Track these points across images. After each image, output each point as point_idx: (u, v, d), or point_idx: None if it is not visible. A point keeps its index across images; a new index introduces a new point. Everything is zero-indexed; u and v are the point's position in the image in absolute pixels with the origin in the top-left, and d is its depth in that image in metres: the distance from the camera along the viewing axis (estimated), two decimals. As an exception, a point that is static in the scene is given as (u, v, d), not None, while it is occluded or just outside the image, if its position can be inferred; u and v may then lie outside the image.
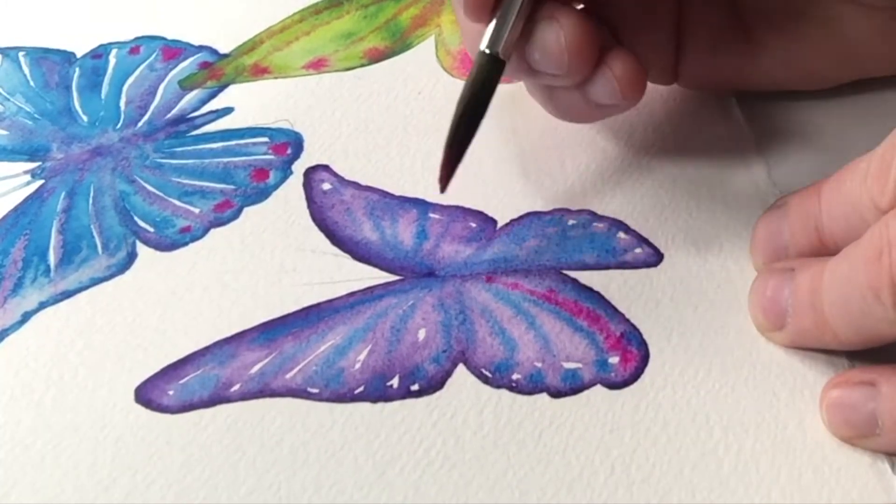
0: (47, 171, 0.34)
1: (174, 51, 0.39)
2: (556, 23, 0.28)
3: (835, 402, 0.25)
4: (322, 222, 0.32)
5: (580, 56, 0.28)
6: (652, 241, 0.30)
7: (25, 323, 0.29)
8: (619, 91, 0.28)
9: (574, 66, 0.28)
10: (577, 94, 0.29)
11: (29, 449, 0.26)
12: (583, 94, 0.29)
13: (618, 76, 0.28)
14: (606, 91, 0.29)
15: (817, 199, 0.27)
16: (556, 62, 0.28)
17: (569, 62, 0.28)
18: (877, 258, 0.23)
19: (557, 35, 0.28)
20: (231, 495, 0.25)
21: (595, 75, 0.28)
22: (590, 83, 0.29)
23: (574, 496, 0.24)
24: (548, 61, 0.28)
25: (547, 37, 0.28)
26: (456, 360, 0.27)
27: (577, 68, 0.28)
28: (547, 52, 0.28)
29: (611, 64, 0.28)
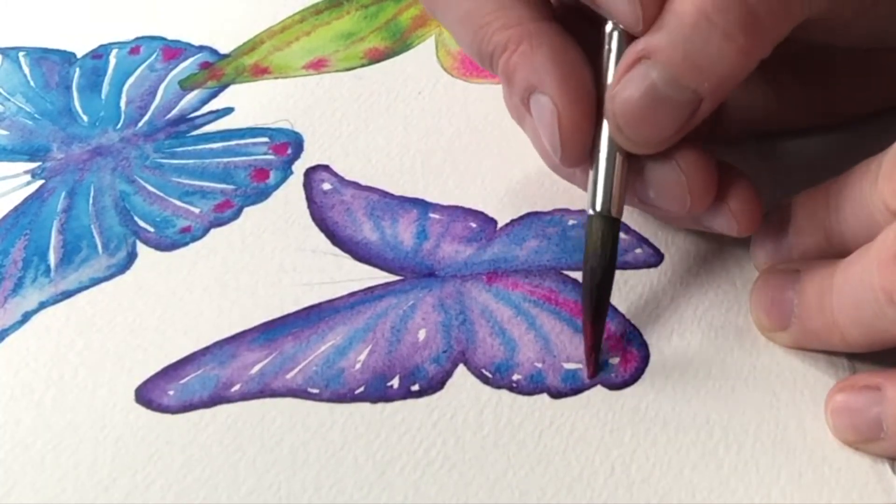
0: (47, 171, 0.34)
1: (174, 51, 0.39)
2: (673, 163, 0.26)
3: (840, 406, 0.25)
4: (322, 222, 0.32)
5: (702, 193, 0.26)
6: (652, 241, 0.30)
7: (25, 323, 0.29)
8: (736, 227, 0.27)
9: (696, 203, 0.26)
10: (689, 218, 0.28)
11: (29, 449, 0.26)
12: (695, 219, 0.28)
13: (735, 212, 0.27)
14: (724, 224, 0.27)
15: (825, 199, 0.26)
16: (678, 204, 0.26)
17: (691, 199, 0.26)
18: (891, 261, 0.23)
19: (678, 177, 0.26)
20: (231, 495, 0.25)
21: (713, 208, 0.27)
22: (708, 216, 0.27)
23: (574, 496, 0.24)
24: (667, 202, 0.27)
25: (665, 178, 0.26)
26: (456, 361, 0.27)
27: (700, 205, 0.26)
28: (666, 194, 0.26)
29: (729, 200, 0.27)
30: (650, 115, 0.25)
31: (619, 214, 0.27)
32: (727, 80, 0.25)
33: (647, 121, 0.25)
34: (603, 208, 0.26)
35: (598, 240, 0.26)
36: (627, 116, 0.25)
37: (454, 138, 0.34)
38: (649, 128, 0.25)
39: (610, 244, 0.26)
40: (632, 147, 0.26)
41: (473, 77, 0.37)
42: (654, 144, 0.26)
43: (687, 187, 0.26)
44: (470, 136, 0.34)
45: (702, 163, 0.26)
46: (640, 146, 0.26)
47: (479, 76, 0.37)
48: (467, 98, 0.36)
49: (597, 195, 0.26)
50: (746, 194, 0.27)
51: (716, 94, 0.25)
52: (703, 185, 0.26)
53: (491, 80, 0.36)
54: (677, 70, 0.24)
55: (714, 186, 0.26)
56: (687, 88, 0.24)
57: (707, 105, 0.25)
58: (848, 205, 0.26)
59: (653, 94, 0.25)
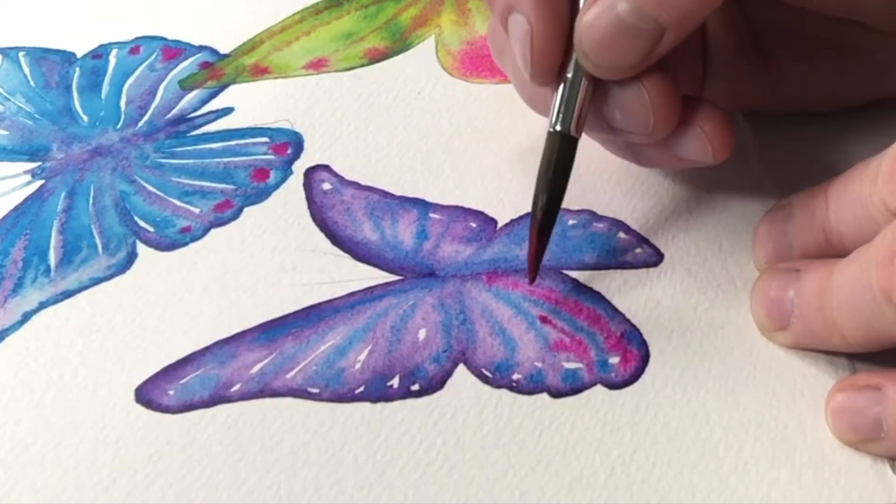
0: (47, 171, 0.34)
1: (174, 51, 0.39)
2: (638, 84, 0.27)
3: (840, 406, 0.25)
4: (322, 222, 0.32)
5: (667, 114, 0.27)
6: (652, 241, 0.30)
7: (25, 323, 0.29)
8: (710, 149, 0.27)
9: (660, 125, 0.27)
10: (660, 149, 0.28)
11: (29, 449, 0.26)
12: (667, 149, 0.28)
13: (709, 134, 0.27)
14: (697, 149, 0.28)
15: (824, 199, 0.27)
16: (642, 122, 0.27)
17: (654, 121, 0.27)
18: (889, 261, 0.23)
19: (640, 94, 0.27)
20: (231, 495, 0.25)
21: (684, 133, 0.27)
22: (678, 140, 0.28)
23: (574, 496, 0.24)
24: (631, 121, 0.27)
25: (629, 96, 0.27)
26: (456, 360, 0.27)
27: (664, 126, 0.27)
28: (630, 112, 0.27)
29: (700, 122, 0.27)
30: (614, 43, 0.26)
31: (578, 134, 0.28)
32: (689, 14, 0.25)
33: (611, 47, 0.26)
34: (562, 126, 0.27)
35: (552, 155, 0.27)
36: (593, 42, 0.26)
37: (454, 138, 0.34)
38: (613, 54, 0.26)
39: (564, 161, 0.28)
40: (596, 72, 0.27)
41: (473, 77, 0.37)
42: (618, 71, 0.27)
43: (651, 107, 0.27)
44: (470, 136, 0.34)
45: (666, 85, 0.27)
46: (604, 72, 0.27)
47: (479, 76, 0.37)
48: (467, 98, 0.36)
49: (558, 114, 0.27)
50: (716, 115, 0.27)
51: (678, 26, 0.25)
52: (666, 102, 0.27)
53: (491, 80, 0.36)
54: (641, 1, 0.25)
55: (677, 106, 0.27)
56: (649, 17, 0.25)
57: (669, 37, 0.26)
58: (847, 205, 0.26)
59: (617, 23, 0.26)
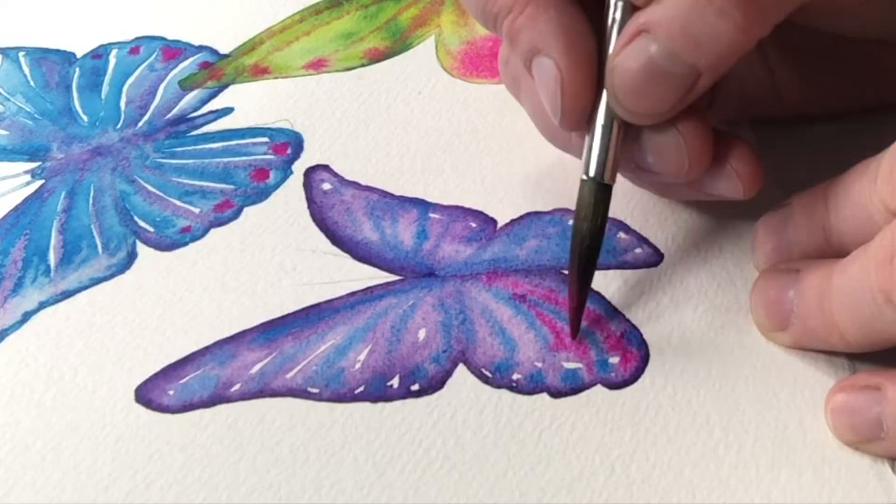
0: (47, 171, 0.34)
1: (174, 51, 0.39)
2: (672, 127, 0.26)
3: (840, 406, 0.25)
4: (322, 222, 0.32)
5: (701, 157, 0.26)
6: (652, 241, 0.30)
7: (25, 323, 0.29)
8: (741, 188, 0.27)
9: (694, 168, 0.26)
10: (690, 186, 0.28)
11: (29, 449, 0.26)
12: (697, 186, 0.28)
13: (740, 173, 0.27)
14: (728, 187, 0.27)
15: (824, 199, 0.27)
16: (676, 166, 0.26)
17: (690, 164, 0.26)
18: (888, 261, 0.23)
19: (676, 139, 0.26)
20: (231, 495, 0.25)
21: (715, 172, 0.27)
22: (709, 178, 0.27)
23: (574, 496, 0.24)
24: (665, 165, 0.27)
25: (663, 141, 0.26)
26: (456, 360, 0.27)
27: (698, 169, 0.27)
28: (664, 157, 0.27)
29: (732, 161, 0.27)
30: (648, 88, 0.25)
31: (612, 180, 0.27)
32: (724, 57, 0.25)
33: (644, 93, 0.25)
34: (596, 173, 0.27)
35: (588, 204, 0.27)
36: (626, 88, 0.25)
37: (454, 138, 0.34)
38: (647, 100, 0.26)
39: (601, 209, 0.27)
40: (629, 118, 0.26)
41: (473, 77, 0.37)
42: (652, 116, 0.26)
43: (685, 150, 0.26)
44: (470, 136, 0.34)
45: (699, 126, 0.26)
46: (638, 117, 0.26)
47: (479, 76, 0.37)
48: (467, 98, 0.36)
49: (591, 160, 0.27)
50: (747, 154, 0.27)
51: (713, 69, 0.25)
52: (701, 146, 0.26)
53: (491, 80, 0.36)
54: (675, 44, 0.25)
55: (711, 148, 0.27)
56: (685, 63, 0.25)
57: (705, 80, 0.25)
58: (847, 205, 0.26)
59: (651, 68, 0.25)
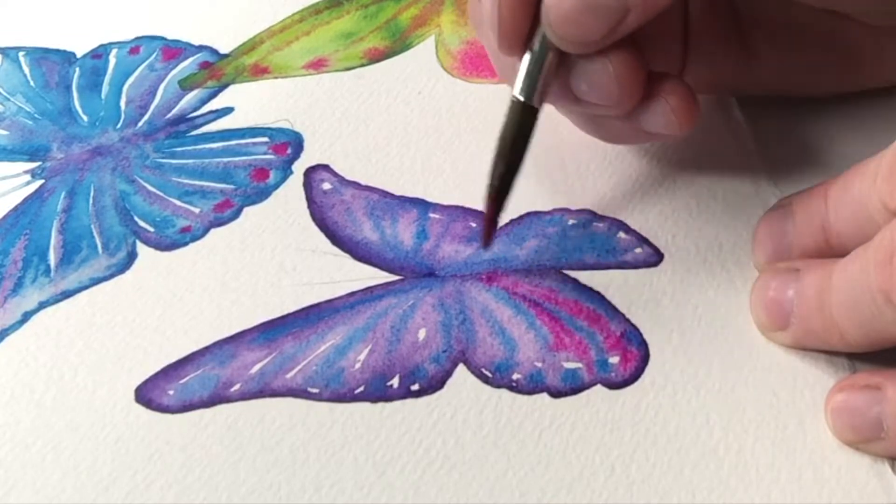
0: (47, 171, 0.34)
1: (174, 51, 0.39)
2: (604, 57, 0.27)
3: (840, 406, 0.25)
4: (322, 222, 0.32)
5: (632, 87, 0.27)
6: (652, 241, 0.30)
7: (25, 323, 0.29)
8: (676, 122, 0.28)
9: (625, 97, 0.27)
10: (625, 122, 0.28)
11: (29, 449, 0.26)
12: (633, 122, 0.28)
13: (674, 107, 0.27)
14: (662, 122, 0.28)
15: (824, 199, 0.27)
16: (606, 94, 0.27)
17: (619, 93, 0.27)
18: (888, 261, 0.23)
19: (605, 66, 0.27)
20: (231, 495, 0.25)
21: (649, 106, 0.28)
22: (644, 113, 0.28)
23: (574, 496, 0.24)
24: (596, 93, 0.27)
25: (594, 68, 0.27)
26: (456, 360, 0.27)
27: (629, 99, 0.27)
28: (595, 84, 0.27)
29: (666, 95, 0.27)
30: (580, 17, 0.26)
31: (540, 105, 0.28)
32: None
33: (576, 22, 0.26)
34: (525, 95, 0.27)
35: (512, 123, 0.28)
36: (559, 15, 0.26)
37: (454, 138, 0.34)
38: (578, 28, 0.26)
39: (524, 130, 0.28)
40: (562, 44, 0.27)
41: (473, 77, 0.37)
42: (583, 45, 0.27)
43: (616, 79, 0.27)
44: (470, 136, 0.34)
45: (632, 59, 0.27)
46: (569, 45, 0.27)
47: (479, 76, 0.37)
48: (467, 98, 0.36)
49: (520, 82, 0.28)
50: (682, 89, 0.28)
51: (643, 7, 0.26)
52: (631, 74, 0.27)
53: (491, 80, 0.36)
54: None
55: (642, 79, 0.27)
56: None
57: (633, 16, 0.26)
58: (847, 204, 0.26)
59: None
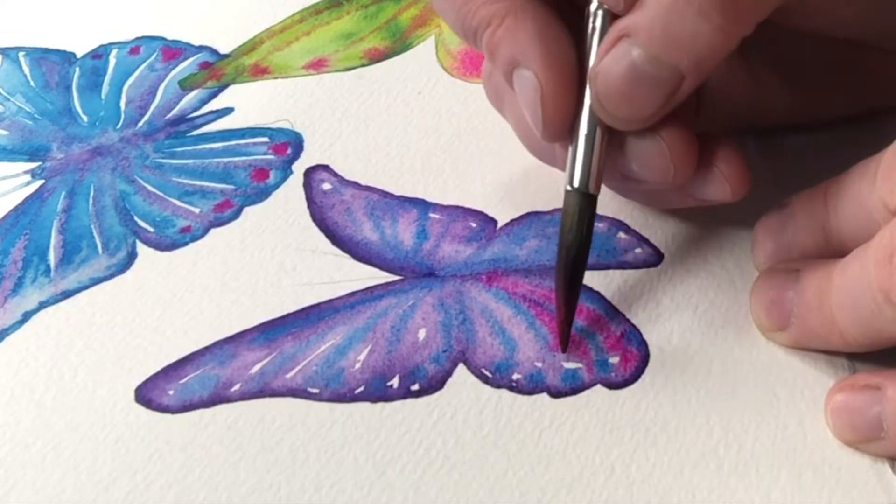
0: (47, 171, 0.34)
1: (174, 51, 0.39)
2: (655, 134, 0.26)
3: (840, 406, 0.25)
4: (322, 222, 0.32)
5: (686, 162, 0.26)
6: (652, 241, 0.30)
7: (25, 323, 0.29)
8: (729, 190, 0.27)
9: (679, 174, 0.26)
10: (677, 192, 0.28)
11: (29, 449, 0.26)
12: (685, 191, 0.27)
13: (727, 174, 0.27)
14: (716, 190, 0.27)
15: (823, 199, 0.27)
16: (661, 172, 0.26)
17: (674, 173, 0.26)
18: (888, 260, 0.23)
19: (658, 144, 0.26)
20: (231, 495, 0.25)
21: (702, 176, 0.27)
22: (696, 183, 0.27)
23: (574, 496, 0.24)
24: (649, 172, 0.27)
25: (646, 148, 0.26)
26: (456, 360, 0.27)
27: (683, 175, 0.26)
28: (648, 164, 0.26)
29: (718, 163, 0.27)
30: (632, 92, 0.25)
31: (597, 191, 0.27)
32: (706, 58, 0.25)
33: (628, 97, 0.25)
34: (580, 184, 0.27)
35: (573, 215, 0.27)
36: (609, 93, 0.25)
37: (454, 138, 0.34)
38: (631, 104, 0.25)
39: (586, 220, 0.27)
40: (614, 123, 0.26)
41: (473, 77, 0.37)
42: (637, 121, 0.26)
43: (669, 156, 0.26)
44: (470, 136, 0.34)
45: (683, 131, 0.26)
46: (622, 123, 0.26)
47: (478, 76, 0.37)
48: (467, 98, 0.36)
49: (575, 171, 0.27)
50: (733, 155, 0.27)
51: (696, 71, 0.25)
52: (685, 151, 0.26)
53: (491, 80, 0.36)
54: (657, 47, 0.25)
55: (695, 153, 0.27)
56: (667, 65, 0.25)
57: (688, 82, 0.25)
58: (847, 204, 0.26)
59: (634, 72, 0.25)
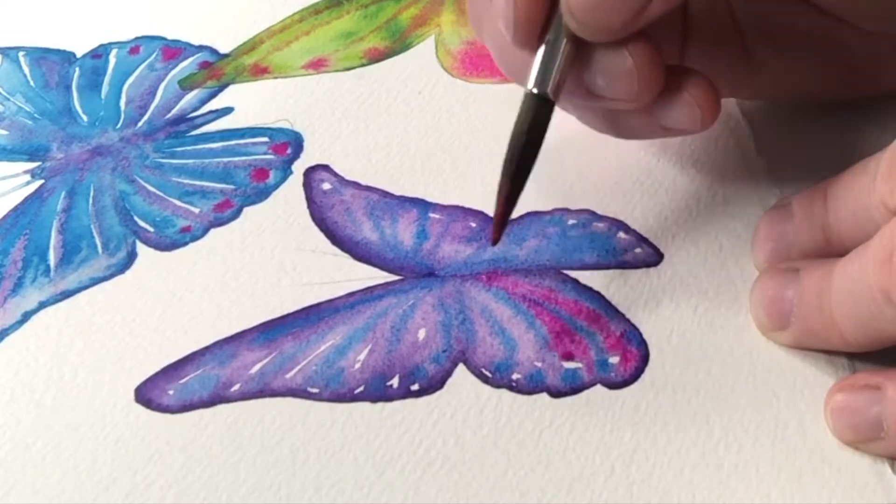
0: (47, 171, 0.34)
1: (174, 51, 0.39)
2: (622, 49, 0.26)
3: (839, 406, 0.25)
4: (322, 222, 0.32)
5: (652, 80, 0.26)
6: (652, 241, 0.30)
7: (25, 323, 0.29)
8: (699, 115, 0.27)
9: (645, 90, 0.26)
10: (643, 117, 0.28)
11: (29, 449, 0.26)
12: (651, 117, 0.28)
13: (697, 100, 0.27)
14: (684, 115, 0.27)
15: (823, 199, 0.27)
16: (626, 87, 0.26)
17: (639, 86, 0.26)
18: (887, 260, 0.23)
19: (623, 57, 0.26)
20: (231, 495, 0.25)
21: (670, 99, 0.27)
22: (664, 108, 0.27)
23: (574, 496, 0.24)
24: (615, 87, 0.26)
25: (613, 61, 0.26)
26: (456, 360, 0.27)
27: (649, 92, 0.26)
28: (613, 78, 0.26)
29: (688, 88, 0.27)
30: (602, 2, 0.25)
31: (556, 97, 0.27)
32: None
33: (599, 7, 0.25)
34: (539, 87, 0.27)
35: (526, 114, 0.27)
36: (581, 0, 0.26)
37: (454, 138, 0.34)
38: (601, 14, 0.26)
39: (539, 121, 0.27)
40: (581, 32, 0.26)
41: (473, 77, 0.37)
42: (604, 31, 0.26)
43: (636, 73, 0.26)
44: (470, 136, 0.34)
45: (651, 51, 0.26)
46: (591, 31, 0.26)
47: (479, 76, 0.37)
48: (467, 98, 0.36)
49: (535, 74, 0.27)
50: (703, 81, 0.27)
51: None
52: (650, 68, 0.26)
53: (491, 80, 0.36)
54: None
55: (661, 72, 0.26)
56: None
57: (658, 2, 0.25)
58: (846, 204, 0.26)
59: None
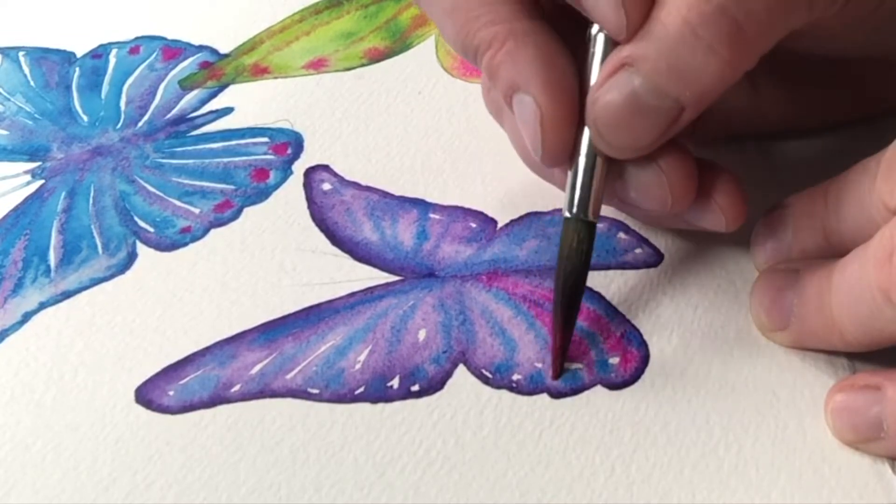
0: (47, 171, 0.34)
1: (174, 51, 0.39)
2: (654, 163, 0.26)
3: (840, 406, 0.25)
4: (322, 222, 0.32)
5: (684, 193, 0.26)
6: (652, 241, 0.30)
7: (25, 323, 0.29)
8: (724, 221, 0.27)
9: (677, 203, 0.26)
10: (674, 218, 0.28)
11: (29, 449, 0.26)
12: (681, 218, 0.27)
13: (723, 207, 0.27)
14: (711, 221, 0.27)
15: (823, 199, 0.27)
16: (659, 201, 0.26)
17: (673, 200, 0.26)
18: (887, 260, 0.23)
19: (657, 173, 0.26)
20: (231, 495, 0.25)
21: (700, 204, 0.27)
22: (693, 212, 0.27)
23: (574, 496, 0.24)
24: (648, 200, 0.27)
25: (646, 176, 0.26)
26: (456, 361, 0.27)
27: (680, 204, 0.26)
28: (646, 192, 0.26)
29: (716, 195, 0.27)
30: (630, 122, 0.25)
31: (596, 218, 0.27)
32: (710, 92, 0.24)
33: (627, 127, 0.25)
34: (579, 211, 0.26)
35: (572, 242, 0.26)
36: (608, 122, 0.25)
37: (454, 138, 0.34)
38: (629, 134, 0.25)
39: (585, 248, 0.26)
40: (611, 152, 0.26)
41: (473, 77, 0.37)
42: (634, 150, 0.26)
43: (668, 187, 0.26)
44: (470, 136, 0.34)
45: (683, 162, 0.26)
46: (620, 151, 0.26)
47: (479, 76, 0.37)
48: (467, 98, 0.36)
49: (574, 198, 0.26)
50: (731, 188, 0.27)
51: (698, 104, 0.25)
52: (684, 183, 0.26)
53: (491, 80, 0.36)
54: (660, 79, 0.24)
55: (695, 185, 0.26)
56: (668, 97, 0.24)
57: (688, 114, 0.25)
58: (846, 204, 0.26)
59: (634, 102, 0.24)
